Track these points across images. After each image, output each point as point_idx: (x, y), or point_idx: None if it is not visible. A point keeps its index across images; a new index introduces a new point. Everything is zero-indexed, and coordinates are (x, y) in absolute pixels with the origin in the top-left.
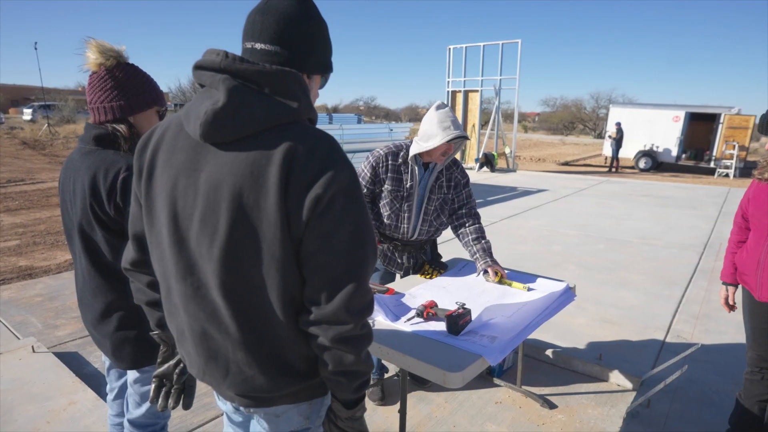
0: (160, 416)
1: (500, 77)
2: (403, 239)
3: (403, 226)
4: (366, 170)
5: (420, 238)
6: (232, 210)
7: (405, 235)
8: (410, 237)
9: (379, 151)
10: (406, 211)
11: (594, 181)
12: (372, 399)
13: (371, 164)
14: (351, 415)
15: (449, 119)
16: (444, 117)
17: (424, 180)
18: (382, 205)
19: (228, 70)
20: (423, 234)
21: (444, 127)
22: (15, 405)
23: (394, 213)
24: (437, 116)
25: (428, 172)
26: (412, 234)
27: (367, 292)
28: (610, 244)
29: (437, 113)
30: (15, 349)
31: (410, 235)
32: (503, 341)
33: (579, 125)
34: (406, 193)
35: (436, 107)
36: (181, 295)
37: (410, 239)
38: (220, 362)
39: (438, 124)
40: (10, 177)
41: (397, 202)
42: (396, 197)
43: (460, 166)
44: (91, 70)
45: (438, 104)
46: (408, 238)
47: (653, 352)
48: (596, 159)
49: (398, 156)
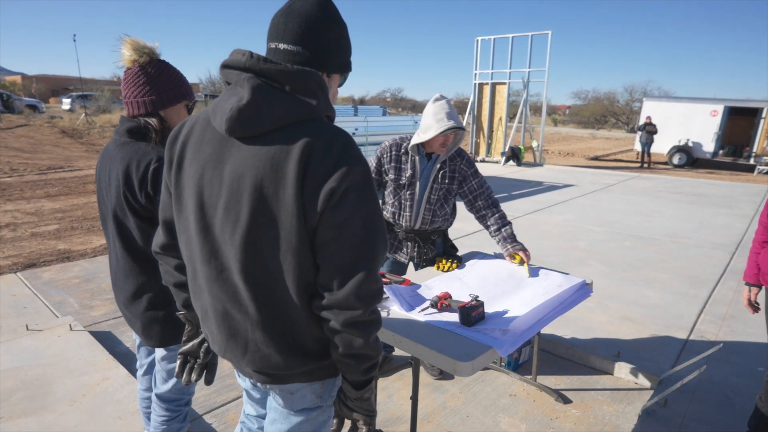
0: (184, 392)
1: (529, 69)
2: (407, 227)
3: (405, 215)
4: (373, 161)
5: (424, 227)
6: (253, 200)
7: (408, 223)
8: (413, 226)
9: (386, 143)
10: (408, 200)
11: (623, 177)
12: None
13: (377, 155)
14: (359, 396)
15: (444, 111)
16: (439, 109)
17: (426, 170)
18: (387, 194)
19: (252, 69)
20: (426, 223)
21: (438, 119)
22: (55, 378)
23: (397, 201)
24: (433, 108)
25: (431, 162)
26: (415, 222)
27: (376, 280)
28: (636, 242)
29: (433, 106)
30: (54, 326)
31: (413, 223)
32: (515, 334)
33: (611, 119)
34: (407, 182)
35: (433, 100)
36: (205, 278)
37: (413, 228)
38: (239, 340)
39: (433, 116)
40: (50, 164)
41: (399, 190)
42: (398, 186)
43: (465, 157)
44: (126, 66)
45: (435, 97)
46: (411, 227)
47: (674, 352)
48: (627, 154)
49: (401, 147)
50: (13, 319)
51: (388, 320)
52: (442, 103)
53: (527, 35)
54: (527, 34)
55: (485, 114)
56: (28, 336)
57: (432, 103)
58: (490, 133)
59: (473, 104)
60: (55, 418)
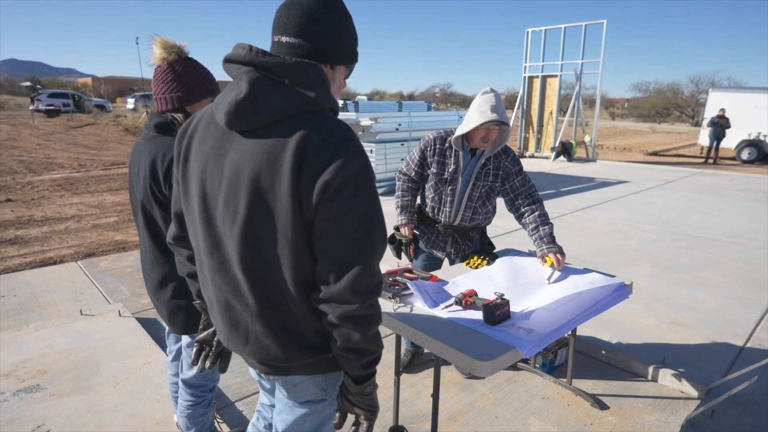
0: (209, 378)
1: (582, 61)
2: (446, 223)
3: (445, 210)
4: (416, 153)
5: (463, 224)
6: (250, 193)
7: (447, 219)
8: (452, 222)
9: (430, 135)
10: (449, 195)
11: (684, 173)
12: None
13: (421, 147)
14: (360, 390)
15: (489, 104)
16: (484, 102)
17: (470, 166)
18: (428, 187)
19: (252, 63)
20: (466, 220)
21: (481, 111)
22: (102, 360)
23: (437, 195)
24: (478, 101)
25: (475, 158)
26: (454, 219)
27: (373, 275)
28: (693, 242)
29: (480, 98)
30: (105, 312)
31: (452, 219)
32: (540, 334)
33: (674, 112)
34: (449, 177)
35: (482, 93)
36: (209, 269)
37: (452, 224)
38: (241, 331)
39: (477, 108)
40: (114, 160)
41: (441, 185)
42: (440, 180)
43: (510, 154)
44: (156, 64)
45: (484, 90)
46: (450, 223)
47: (727, 360)
48: (691, 149)
49: (446, 141)
50: (70, 304)
51: (410, 316)
52: (490, 96)
53: (581, 25)
54: (581, 24)
55: (535, 108)
56: (82, 320)
57: (480, 96)
58: (540, 128)
59: (522, 98)
60: (99, 398)
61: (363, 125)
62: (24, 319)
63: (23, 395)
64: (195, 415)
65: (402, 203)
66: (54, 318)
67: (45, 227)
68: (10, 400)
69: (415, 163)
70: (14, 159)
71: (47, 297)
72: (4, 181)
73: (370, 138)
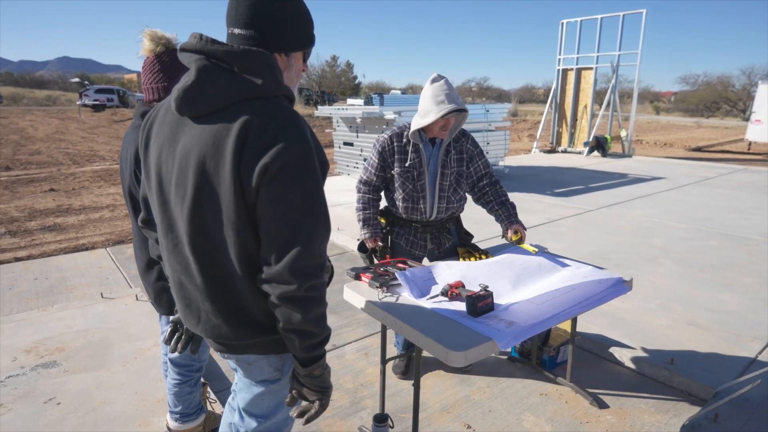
0: (195, 359)
1: (619, 53)
2: (422, 220)
3: (420, 207)
4: (374, 157)
5: (440, 216)
6: (197, 176)
7: (424, 215)
8: (429, 217)
9: (383, 136)
10: (420, 191)
11: (726, 170)
12: (395, 372)
13: (378, 150)
14: (309, 373)
15: (443, 93)
16: (438, 91)
17: (433, 156)
18: (395, 188)
19: (202, 51)
20: (442, 212)
21: (438, 101)
22: (115, 341)
23: (408, 194)
24: (431, 90)
25: (436, 147)
26: (431, 213)
27: (312, 257)
28: (724, 241)
29: (431, 87)
30: (125, 296)
31: (429, 214)
32: (521, 327)
33: (724, 106)
34: (416, 171)
35: (431, 80)
36: (165, 249)
37: (430, 219)
38: (193, 310)
39: (432, 98)
40: None
41: (409, 183)
42: (407, 178)
43: (470, 137)
44: (145, 55)
45: (433, 77)
46: (428, 219)
47: (740, 364)
48: (737, 144)
49: (402, 137)
50: (94, 288)
51: (394, 306)
52: (441, 84)
53: (618, 15)
54: (618, 14)
55: (569, 102)
56: (102, 303)
57: (430, 85)
58: (574, 122)
59: (555, 91)
60: (109, 375)
61: (387, 119)
62: (51, 300)
63: (40, 370)
64: (181, 393)
65: (363, 216)
66: (78, 300)
67: (81, 215)
68: (28, 374)
69: (375, 167)
70: (61, 151)
71: (75, 281)
72: (50, 171)
73: None
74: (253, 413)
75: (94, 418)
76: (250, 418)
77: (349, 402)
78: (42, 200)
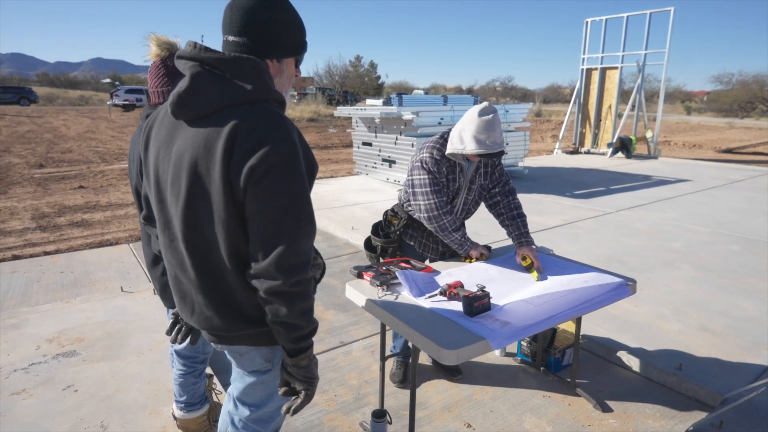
0: (199, 351)
1: (645, 52)
2: None
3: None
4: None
5: None
6: (189, 176)
7: None
8: None
9: (426, 157)
10: (456, 205)
11: (756, 173)
12: (393, 381)
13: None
14: (296, 363)
15: (485, 132)
16: (481, 128)
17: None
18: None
19: (196, 58)
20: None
21: (478, 140)
22: (132, 333)
23: None
24: (476, 124)
25: (468, 164)
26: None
27: (297, 254)
28: (747, 246)
29: (478, 120)
30: (143, 290)
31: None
32: (516, 327)
33: (760, 106)
34: (455, 190)
35: (479, 111)
36: (163, 245)
37: None
38: (187, 303)
39: (473, 133)
40: None
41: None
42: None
43: None
44: (151, 60)
45: (483, 107)
46: None
47: (753, 372)
48: None
49: (444, 156)
50: (115, 282)
51: (393, 304)
52: (488, 120)
53: (645, 13)
54: (645, 12)
55: (593, 102)
56: (121, 296)
57: (477, 116)
58: (598, 123)
59: (579, 91)
60: (124, 365)
61: (405, 119)
62: (75, 293)
63: (61, 359)
64: (186, 383)
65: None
66: (99, 293)
67: (108, 212)
68: (49, 362)
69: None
70: (91, 150)
71: (98, 275)
72: (79, 169)
73: (412, 132)
74: (246, 402)
75: (108, 406)
76: (243, 406)
77: (353, 398)
78: (71, 197)
